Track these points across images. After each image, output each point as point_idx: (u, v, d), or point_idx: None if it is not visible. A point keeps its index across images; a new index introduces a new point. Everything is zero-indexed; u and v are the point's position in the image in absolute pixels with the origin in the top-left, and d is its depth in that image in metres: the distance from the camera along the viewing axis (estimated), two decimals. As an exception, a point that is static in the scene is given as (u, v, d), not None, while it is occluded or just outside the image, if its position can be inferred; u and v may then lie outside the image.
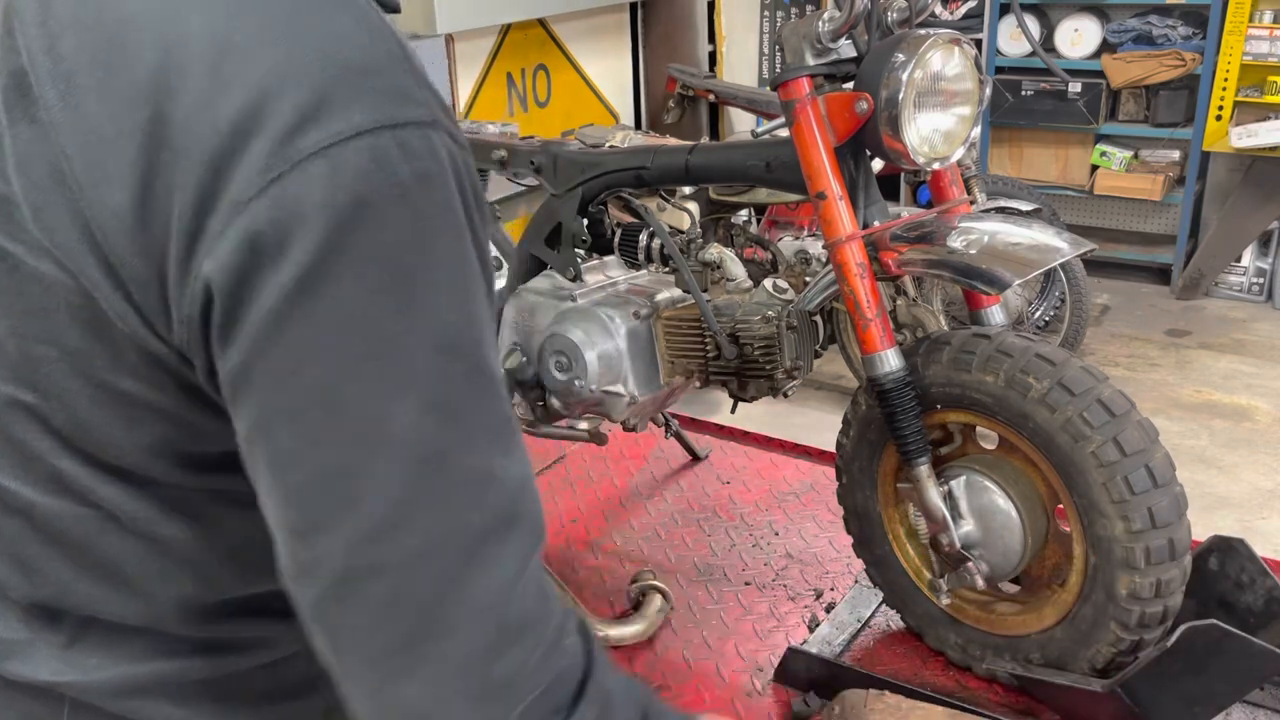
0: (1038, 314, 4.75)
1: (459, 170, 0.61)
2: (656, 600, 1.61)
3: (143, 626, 0.72)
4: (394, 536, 0.60)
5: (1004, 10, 5.68)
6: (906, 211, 1.60)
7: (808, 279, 1.57)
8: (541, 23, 5.53)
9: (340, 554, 0.60)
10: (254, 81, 0.55)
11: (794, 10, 6.63)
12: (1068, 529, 1.36)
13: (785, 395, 1.60)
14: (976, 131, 1.47)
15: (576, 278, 1.75)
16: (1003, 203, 4.31)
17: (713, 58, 6.43)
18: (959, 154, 1.44)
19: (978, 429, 1.43)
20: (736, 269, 1.64)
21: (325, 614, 0.62)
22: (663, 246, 1.65)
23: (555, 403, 1.74)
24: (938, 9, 1.46)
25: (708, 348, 1.59)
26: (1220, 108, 5.28)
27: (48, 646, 0.71)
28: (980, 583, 1.39)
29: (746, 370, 1.57)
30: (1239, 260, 5.59)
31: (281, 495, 0.61)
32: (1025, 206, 4.28)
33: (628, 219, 1.75)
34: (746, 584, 1.73)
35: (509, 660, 0.63)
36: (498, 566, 0.63)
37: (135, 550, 0.69)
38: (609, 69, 6.09)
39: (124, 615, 0.71)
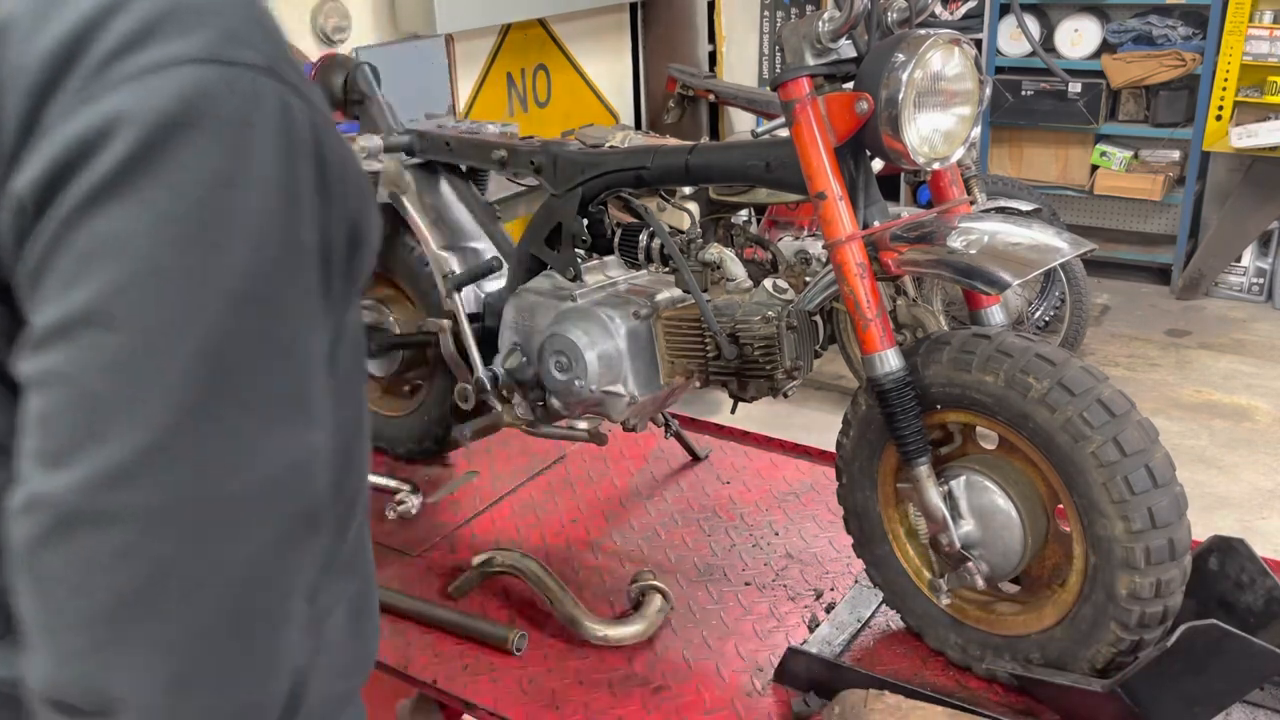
0: (1038, 314, 4.75)
1: (297, 130, 0.59)
2: (656, 600, 1.61)
3: None
4: (136, 484, 0.55)
5: (1004, 10, 5.68)
6: (906, 211, 1.60)
7: (808, 279, 1.57)
8: (541, 23, 5.54)
9: (75, 491, 0.55)
10: (82, 11, 0.55)
11: (794, 10, 6.63)
12: (1068, 529, 1.36)
13: (785, 395, 1.60)
14: (976, 131, 1.47)
15: (576, 278, 1.75)
16: (1003, 203, 4.31)
17: (713, 58, 6.44)
18: (959, 154, 1.43)
19: (978, 429, 1.43)
20: (736, 269, 1.64)
21: (39, 558, 0.57)
22: (663, 246, 1.65)
23: (555, 403, 1.75)
24: (938, 9, 1.46)
25: (708, 348, 1.59)
26: (1220, 108, 5.28)
27: None
28: (980, 583, 1.39)
29: (746, 370, 1.57)
30: (1239, 260, 5.59)
31: (36, 417, 0.57)
32: (1025, 206, 4.29)
33: (628, 219, 1.75)
34: (746, 584, 1.73)
35: (227, 653, 0.59)
36: (245, 544, 0.58)
37: None
38: (609, 69, 6.09)
39: None
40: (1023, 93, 5.78)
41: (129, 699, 0.57)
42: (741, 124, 6.59)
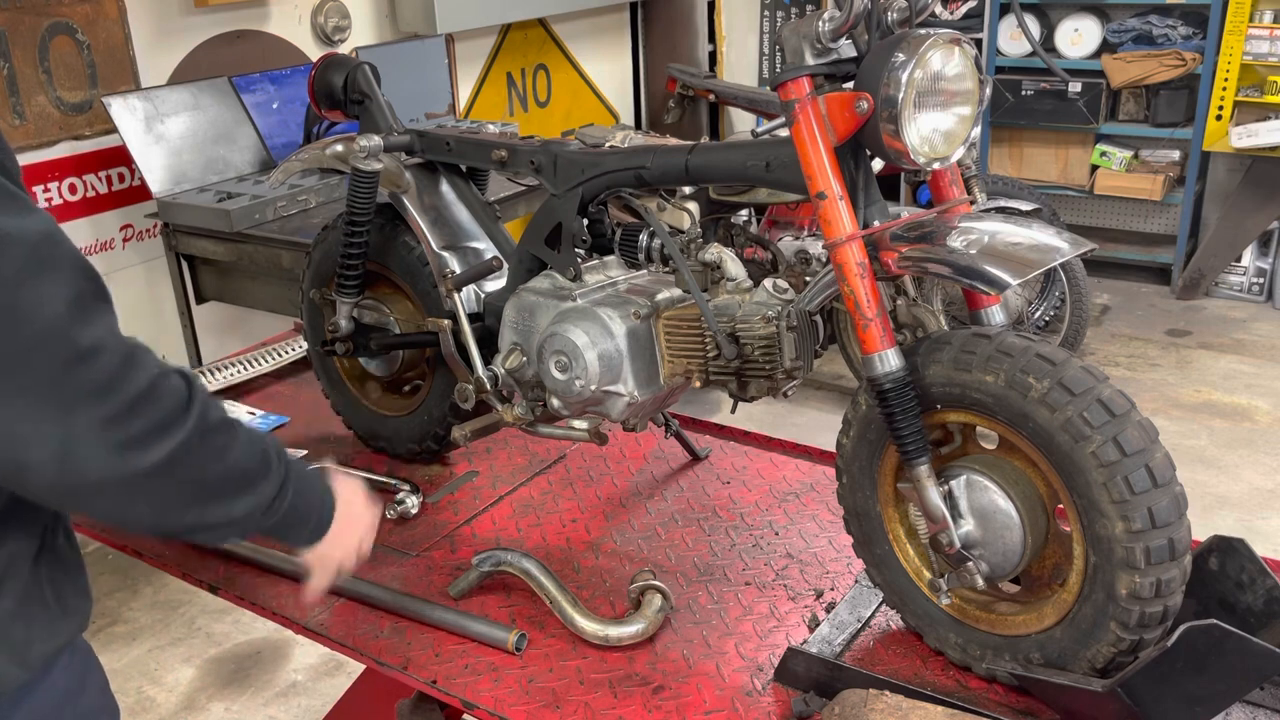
0: (1038, 314, 4.76)
1: None
2: (656, 600, 1.61)
3: None
4: None
5: (1004, 10, 5.68)
6: (906, 211, 1.60)
7: (808, 279, 1.57)
8: (541, 23, 5.54)
9: None
10: None
11: (794, 10, 6.63)
12: (1068, 529, 1.36)
13: (785, 395, 1.60)
14: (976, 131, 1.46)
15: (576, 278, 1.75)
16: (1003, 203, 4.32)
17: (713, 58, 6.44)
18: (959, 154, 1.43)
19: (978, 429, 1.43)
20: (736, 269, 1.64)
21: None
22: (663, 246, 1.65)
23: (555, 402, 1.75)
24: (938, 9, 1.46)
25: (708, 348, 1.59)
26: (1220, 108, 5.28)
27: None
28: (980, 583, 1.39)
29: (746, 370, 1.57)
30: (1239, 260, 5.59)
31: None
32: (1025, 206, 4.29)
33: (628, 219, 1.75)
34: (746, 584, 1.73)
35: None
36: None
37: None
38: (609, 69, 6.10)
39: None
40: (1023, 92, 5.78)
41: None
42: (741, 124, 6.59)
